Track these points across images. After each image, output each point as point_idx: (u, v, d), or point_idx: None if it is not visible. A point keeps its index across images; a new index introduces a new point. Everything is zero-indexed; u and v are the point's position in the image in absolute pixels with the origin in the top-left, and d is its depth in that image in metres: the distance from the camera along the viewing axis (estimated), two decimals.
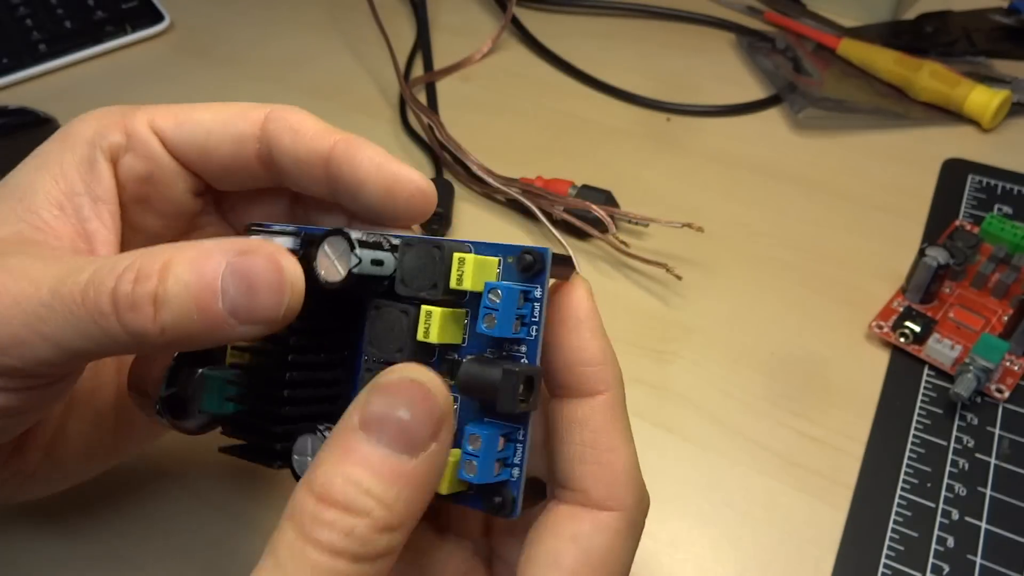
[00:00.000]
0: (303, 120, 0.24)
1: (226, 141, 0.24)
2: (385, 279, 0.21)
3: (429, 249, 0.20)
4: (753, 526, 0.32)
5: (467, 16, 0.61)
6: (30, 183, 0.23)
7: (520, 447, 0.20)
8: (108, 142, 0.24)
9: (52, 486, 0.27)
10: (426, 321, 0.20)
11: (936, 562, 0.30)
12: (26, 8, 0.59)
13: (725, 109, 0.51)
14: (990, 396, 0.35)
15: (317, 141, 0.23)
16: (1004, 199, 0.44)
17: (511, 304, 0.20)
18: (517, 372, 0.19)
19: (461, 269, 0.20)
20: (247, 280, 0.19)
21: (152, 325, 0.19)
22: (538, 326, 0.20)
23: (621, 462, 0.22)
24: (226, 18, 0.62)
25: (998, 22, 0.54)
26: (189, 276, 0.19)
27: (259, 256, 0.19)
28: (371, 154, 0.23)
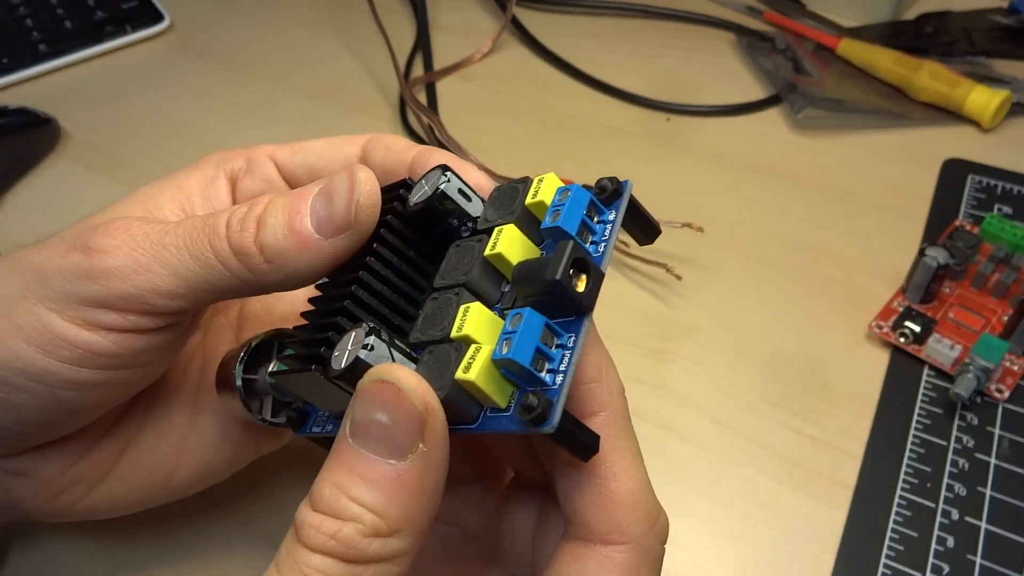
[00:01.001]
0: (395, 139, 0.26)
1: (333, 163, 0.27)
2: (470, 219, 0.21)
3: (514, 185, 0.21)
4: (753, 526, 0.32)
5: (467, 16, 0.61)
6: (159, 190, 0.26)
7: (568, 355, 0.18)
8: (230, 165, 0.27)
9: (113, 500, 0.28)
10: (496, 236, 0.20)
11: (936, 562, 0.30)
12: (26, 8, 0.59)
13: (725, 109, 0.51)
14: (990, 396, 0.35)
15: (403, 153, 0.25)
16: (1004, 199, 0.44)
17: (578, 204, 0.19)
18: (574, 245, 0.18)
19: (538, 186, 0.20)
20: (327, 193, 0.21)
21: (252, 244, 0.21)
22: (607, 244, 0.20)
23: (623, 488, 0.20)
24: (226, 18, 0.62)
25: (998, 22, 0.54)
26: (285, 200, 0.21)
27: (341, 173, 0.21)
28: (443, 158, 0.25)
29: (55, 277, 0.22)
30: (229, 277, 0.21)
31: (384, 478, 0.18)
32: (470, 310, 0.19)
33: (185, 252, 0.21)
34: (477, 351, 0.18)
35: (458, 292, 0.20)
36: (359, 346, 0.19)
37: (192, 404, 0.29)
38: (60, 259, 0.22)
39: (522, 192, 0.21)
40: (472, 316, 0.19)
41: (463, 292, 0.20)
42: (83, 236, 0.22)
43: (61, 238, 0.23)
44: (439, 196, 0.21)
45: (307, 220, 0.21)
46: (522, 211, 0.20)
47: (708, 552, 0.31)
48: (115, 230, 0.22)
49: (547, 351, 0.18)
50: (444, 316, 0.20)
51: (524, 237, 0.20)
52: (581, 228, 0.20)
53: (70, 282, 0.22)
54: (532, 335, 0.18)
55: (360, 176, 0.21)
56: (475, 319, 0.19)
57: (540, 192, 0.20)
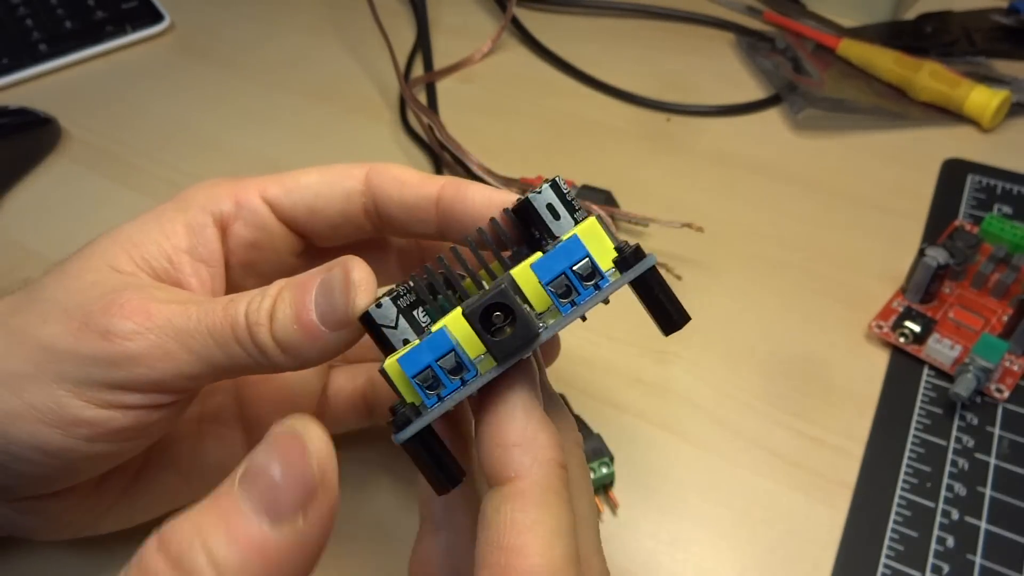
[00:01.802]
0: (405, 171, 0.26)
1: (335, 200, 0.26)
2: (551, 237, 0.22)
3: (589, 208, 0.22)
4: (753, 526, 0.32)
5: (467, 16, 0.61)
6: (145, 233, 0.25)
7: (456, 391, 0.20)
8: (219, 209, 0.26)
9: (121, 521, 0.29)
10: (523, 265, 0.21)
11: (936, 562, 0.30)
12: (26, 8, 0.59)
13: (725, 109, 0.51)
14: (990, 396, 0.35)
15: (424, 188, 0.25)
16: (1004, 199, 0.44)
17: (564, 256, 0.20)
18: (503, 289, 0.19)
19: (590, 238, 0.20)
20: (327, 288, 0.21)
21: (267, 337, 0.21)
22: (578, 308, 0.20)
23: (533, 565, 0.18)
24: (226, 18, 0.62)
25: (998, 22, 0.54)
26: (293, 293, 0.21)
27: (336, 267, 0.21)
28: (478, 191, 0.25)
29: (71, 360, 0.22)
30: (249, 361, 0.22)
31: (248, 539, 0.16)
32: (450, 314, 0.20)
33: (208, 339, 0.22)
34: (406, 344, 0.20)
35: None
36: (375, 302, 0.21)
37: (196, 434, 0.29)
38: (75, 341, 0.22)
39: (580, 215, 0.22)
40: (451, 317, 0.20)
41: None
42: (96, 317, 0.22)
43: (66, 312, 0.22)
44: (523, 205, 0.22)
45: (313, 314, 0.21)
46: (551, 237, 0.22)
47: (708, 552, 0.31)
48: (132, 312, 0.22)
49: (442, 376, 0.20)
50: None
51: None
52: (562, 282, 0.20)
53: (90, 367, 0.22)
54: (433, 351, 0.19)
55: (355, 277, 0.21)
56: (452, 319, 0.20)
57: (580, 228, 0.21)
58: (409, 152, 0.50)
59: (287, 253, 0.28)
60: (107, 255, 0.24)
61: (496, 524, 0.18)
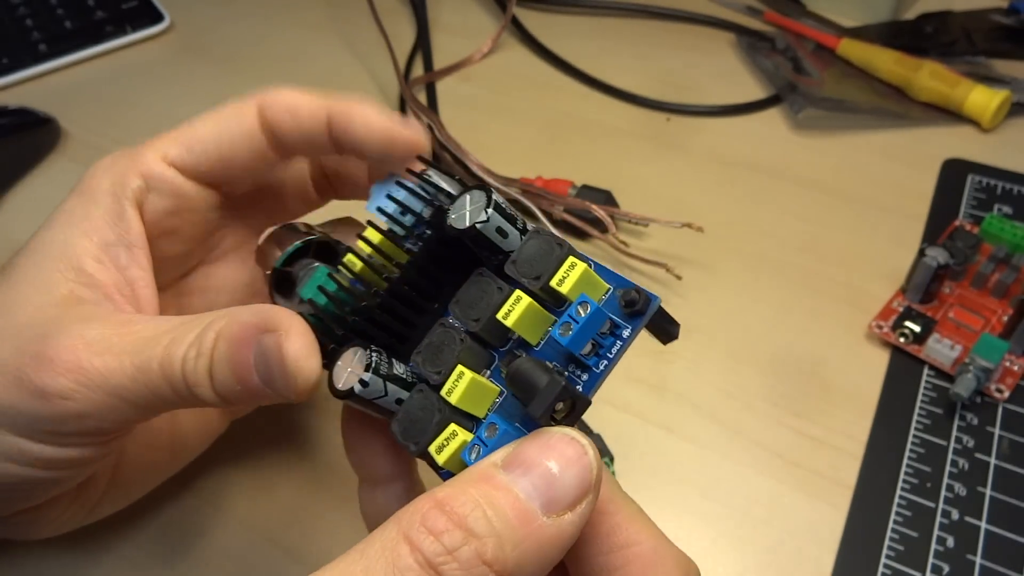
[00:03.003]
0: (294, 96, 0.25)
1: (238, 144, 0.26)
2: (502, 253, 0.21)
3: (551, 244, 0.20)
4: (753, 526, 0.32)
5: (467, 16, 0.61)
6: (64, 241, 0.24)
7: None
8: (130, 190, 0.25)
9: (117, 505, 0.29)
10: (512, 304, 0.20)
11: (936, 562, 0.30)
12: (26, 8, 0.59)
13: (725, 109, 0.51)
14: (990, 396, 0.35)
15: (314, 116, 0.25)
16: (1004, 199, 0.44)
17: (594, 324, 0.19)
18: (564, 387, 0.18)
19: (568, 272, 0.20)
20: (265, 358, 0.21)
21: (211, 393, 0.21)
22: (609, 363, 0.20)
23: (648, 548, 0.20)
24: (226, 18, 0.62)
25: (998, 22, 0.54)
26: (230, 351, 0.21)
27: (269, 337, 0.21)
28: (362, 117, 0.25)
29: (14, 414, 0.22)
30: (191, 402, 0.22)
31: (525, 518, 0.17)
32: (463, 377, 0.20)
33: (148, 393, 0.22)
34: (453, 437, 0.20)
35: (463, 339, 0.21)
36: (356, 378, 0.20)
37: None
38: (14, 399, 0.22)
39: (555, 260, 0.20)
40: (463, 385, 0.20)
41: (467, 341, 0.21)
42: (29, 374, 0.22)
43: (2, 365, 0.22)
44: (474, 236, 0.21)
45: (255, 378, 0.21)
46: (545, 287, 0.20)
47: (708, 552, 0.31)
48: (65, 369, 0.21)
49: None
50: (445, 357, 0.21)
51: (538, 309, 0.20)
52: (589, 346, 0.20)
53: (33, 420, 0.22)
54: (497, 441, 0.20)
55: (290, 353, 0.20)
56: (465, 389, 0.20)
57: (567, 282, 0.20)
58: None
59: (206, 210, 0.27)
60: (40, 277, 0.24)
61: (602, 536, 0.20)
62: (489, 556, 0.16)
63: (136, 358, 0.22)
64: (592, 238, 0.43)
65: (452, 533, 0.16)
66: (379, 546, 0.17)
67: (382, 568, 0.16)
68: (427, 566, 0.16)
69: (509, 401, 0.21)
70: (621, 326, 0.20)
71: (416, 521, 0.17)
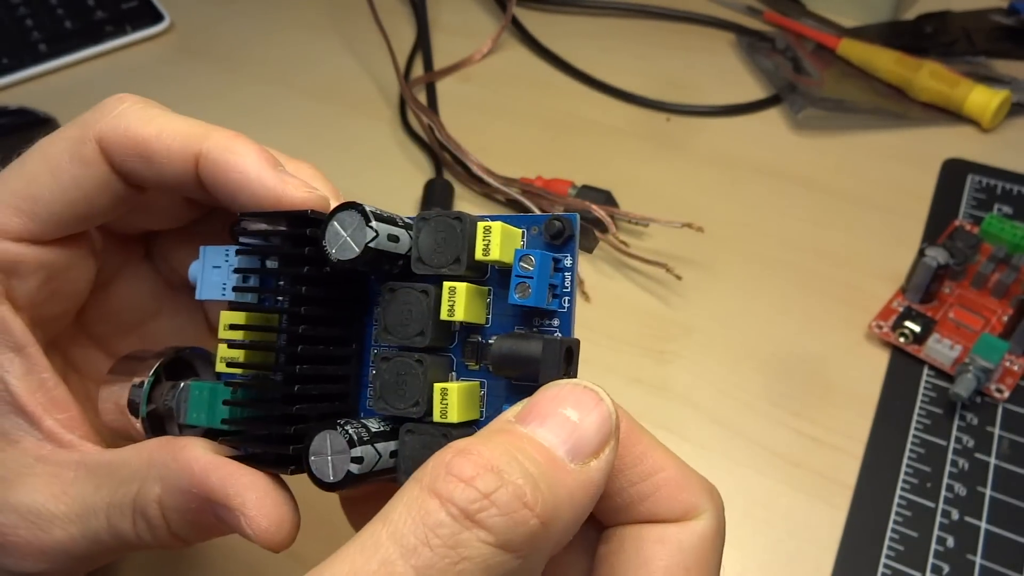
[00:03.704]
0: (145, 141, 0.22)
1: (92, 198, 0.22)
2: (399, 259, 0.20)
3: (449, 222, 0.19)
4: (753, 526, 0.32)
5: (467, 16, 0.61)
6: None
7: None
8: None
9: None
10: (450, 298, 0.19)
11: (936, 562, 0.30)
12: (26, 8, 0.59)
13: (725, 109, 0.51)
14: (990, 396, 0.35)
15: (173, 163, 0.22)
16: (1004, 199, 0.44)
17: (545, 271, 0.19)
18: (559, 341, 0.18)
19: (487, 239, 0.19)
20: (228, 517, 0.19)
21: (180, 544, 0.21)
22: (571, 297, 0.19)
23: (676, 473, 0.19)
24: (226, 18, 0.62)
25: (998, 22, 0.54)
26: (188, 519, 0.20)
27: (228, 518, 0.19)
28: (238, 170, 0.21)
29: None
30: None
31: (555, 467, 0.16)
32: (450, 393, 0.19)
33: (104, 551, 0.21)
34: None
35: (420, 359, 0.19)
36: (346, 460, 0.18)
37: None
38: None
39: (462, 235, 0.19)
40: (455, 399, 0.19)
41: (425, 359, 0.19)
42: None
43: None
44: (370, 257, 0.19)
45: (220, 529, 0.20)
46: (472, 263, 0.19)
47: None
48: (26, 553, 0.21)
49: None
50: (412, 386, 0.19)
51: (475, 291, 0.19)
52: (548, 292, 0.19)
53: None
54: None
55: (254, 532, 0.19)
56: (459, 402, 0.19)
57: (492, 247, 0.19)
58: (409, 152, 0.50)
59: (79, 259, 0.24)
60: None
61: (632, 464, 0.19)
62: (529, 498, 0.15)
63: (84, 528, 0.21)
64: None
65: (484, 477, 0.15)
66: (403, 508, 0.15)
67: (411, 529, 0.15)
68: (462, 517, 0.15)
69: (494, 387, 0.20)
70: (561, 258, 0.19)
71: (441, 472, 0.15)
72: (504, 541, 0.15)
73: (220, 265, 0.22)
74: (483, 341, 0.20)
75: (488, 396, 0.20)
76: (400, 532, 0.15)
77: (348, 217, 0.19)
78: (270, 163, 0.21)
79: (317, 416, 0.20)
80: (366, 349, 0.21)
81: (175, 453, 0.20)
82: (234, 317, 0.21)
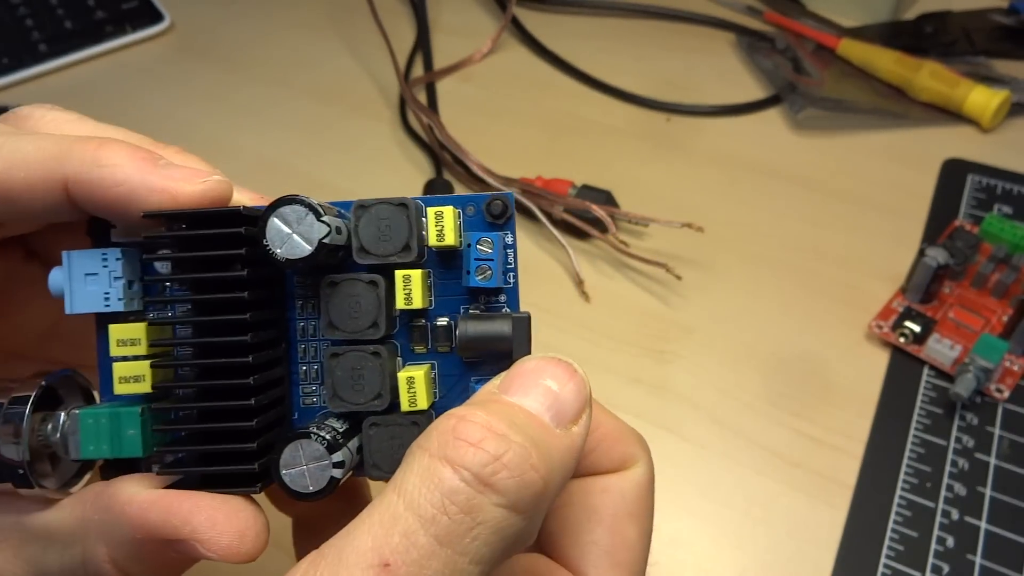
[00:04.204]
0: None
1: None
2: (339, 250, 0.19)
3: (394, 209, 0.18)
4: (753, 526, 0.32)
5: (467, 16, 0.61)
6: None
7: None
8: None
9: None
10: (405, 286, 0.19)
11: (936, 562, 0.30)
12: (26, 8, 0.59)
13: (725, 109, 0.51)
14: (990, 396, 0.35)
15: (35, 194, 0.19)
16: (1004, 199, 0.44)
17: (501, 252, 0.19)
18: (526, 318, 0.19)
19: (440, 224, 0.19)
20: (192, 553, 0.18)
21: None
22: (515, 273, 0.20)
23: (612, 427, 0.22)
24: (226, 19, 0.62)
25: (998, 22, 0.54)
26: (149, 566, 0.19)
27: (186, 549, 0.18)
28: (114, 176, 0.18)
29: None
30: None
31: (545, 428, 0.17)
32: (416, 382, 0.19)
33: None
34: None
35: (376, 351, 0.19)
36: (326, 468, 0.18)
37: None
38: None
39: (412, 225, 0.19)
40: (420, 387, 0.19)
41: (382, 350, 0.19)
42: None
43: None
44: (322, 252, 0.18)
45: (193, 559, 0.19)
46: (421, 251, 0.19)
47: (708, 552, 0.31)
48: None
49: None
50: (371, 380, 0.19)
51: (422, 275, 0.19)
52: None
53: None
54: None
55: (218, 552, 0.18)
56: (423, 389, 0.19)
57: (446, 232, 0.19)
58: (409, 152, 0.50)
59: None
60: None
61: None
62: (534, 459, 0.16)
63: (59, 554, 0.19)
64: (592, 238, 0.43)
65: (491, 440, 0.15)
66: (415, 478, 0.15)
67: (427, 498, 0.15)
68: (476, 482, 0.15)
69: (444, 368, 0.20)
70: (504, 236, 0.20)
71: (449, 437, 0.16)
72: (514, 502, 0.15)
73: (97, 272, 0.19)
74: (430, 324, 0.20)
75: (439, 377, 0.20)
76: (417, 502, 0.15)
77: (291, 212, 0.18)
78: (150, 162, 0.19)
79: (266, 426, 0.19)
80: (292, 346, 0.21)
81: (106, 502, 0.18)
82: (127, 331, 0.19)
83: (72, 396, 0.21)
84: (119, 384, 0.19)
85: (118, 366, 0.19)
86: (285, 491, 0.18)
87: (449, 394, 0.20)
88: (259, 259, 0.18)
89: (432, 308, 0.20)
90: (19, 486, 0.19)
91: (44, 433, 0.19)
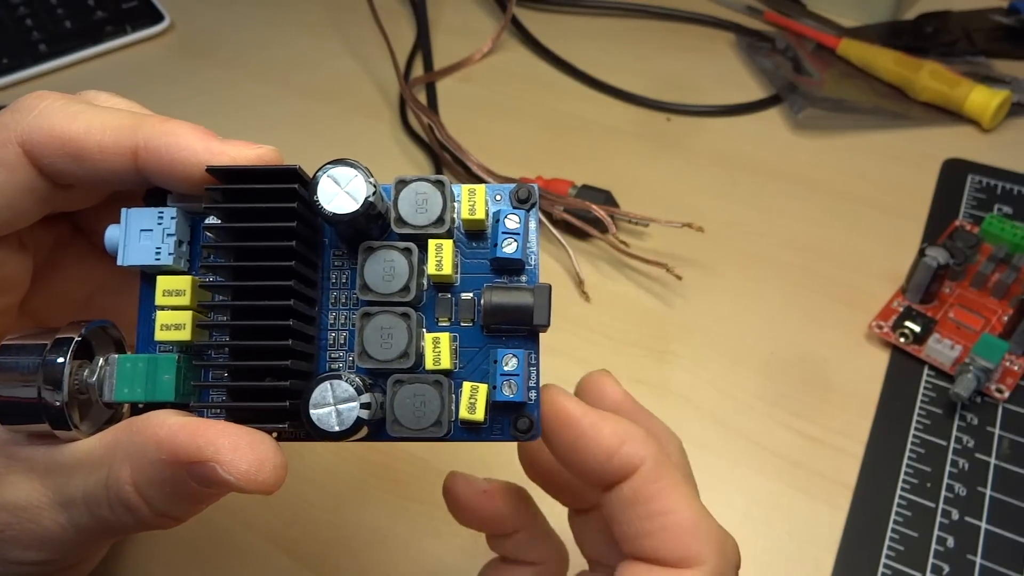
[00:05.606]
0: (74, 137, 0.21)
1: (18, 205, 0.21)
2: (379, 218, 0.20)
3: (431, 185, 0.20)
4: (753, 526, 0.32)
5: (467, 16, 0.61)
6: None
7: (534, 370, 0.21)
8: None
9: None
10: (437, 254, 0.20)
11: (936, 562, 0.30)
12: (26, 8, 0.59)
13: (725, 109, 0.51)
14: (990, 396, 0.35)
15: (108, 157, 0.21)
16: (1004, 199, 0.44)
17: (525, 228, 0.21)
18: (548, 286, 0.20)
19: (473, 200, 0.20)
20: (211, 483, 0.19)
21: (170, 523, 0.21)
22: (536, 254, 0.21)
23: (685, 518, 0.21)
24: (226, 19, 0.62)
25: (998, 22, 0.54)
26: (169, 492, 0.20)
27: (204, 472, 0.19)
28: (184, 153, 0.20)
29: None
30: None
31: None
32: (441, 342, 0.20)
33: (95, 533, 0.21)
34: (475, 391, 0.20)
35: (407, 313, 0.20)
36: (354, 407, 0.19)
37: None
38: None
39: (447, 199, 0.20)
40: (445, 347, 0.20)
41: (412, 314, 0.20)
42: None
43: None
44: (364, 209, 0.19)
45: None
46: (458, 225, 0.21)
47: None
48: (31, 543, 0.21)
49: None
50: (398, 340, 0.20)
51: (452, 246, 0.21)
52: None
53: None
54: (526, 372, 0.20)
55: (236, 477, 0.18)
56: (447, 349, 0.20)
57: (477, 208, 0.20)
58: (409, 152, 0.50)
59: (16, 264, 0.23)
60: None
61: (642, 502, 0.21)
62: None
63: (69, 517, 0.21)
64: (592, 238, 0.43)
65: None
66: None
67: None
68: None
69: (465, 339, 0.21)
70: (529, 216, 0.21)
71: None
72: None
73: (151, 228, 0.21)
74: (455, 298, 0.21)
75: (460, 350, 0.21)
76: None
77: (341, 172, 0.19)
78: (210, 133, 0.21)
79: (298, 372, 0.20)
80: (323, 312, 0.22)
81: (138, 427, 0.19)
82: (174, 283, 0.20)
83: (105, 347, 0.22)
84: (160, 331, 0.20)
85: (161, 314, 0.20)
86: (311, 430, 0.19)
87: (468, 366, 0.21)
88: (307, 220, 0.20)
89: (457, 285, 0.21)
90: (56, 427, 0.20)
91: (80, 378, 0.20)
